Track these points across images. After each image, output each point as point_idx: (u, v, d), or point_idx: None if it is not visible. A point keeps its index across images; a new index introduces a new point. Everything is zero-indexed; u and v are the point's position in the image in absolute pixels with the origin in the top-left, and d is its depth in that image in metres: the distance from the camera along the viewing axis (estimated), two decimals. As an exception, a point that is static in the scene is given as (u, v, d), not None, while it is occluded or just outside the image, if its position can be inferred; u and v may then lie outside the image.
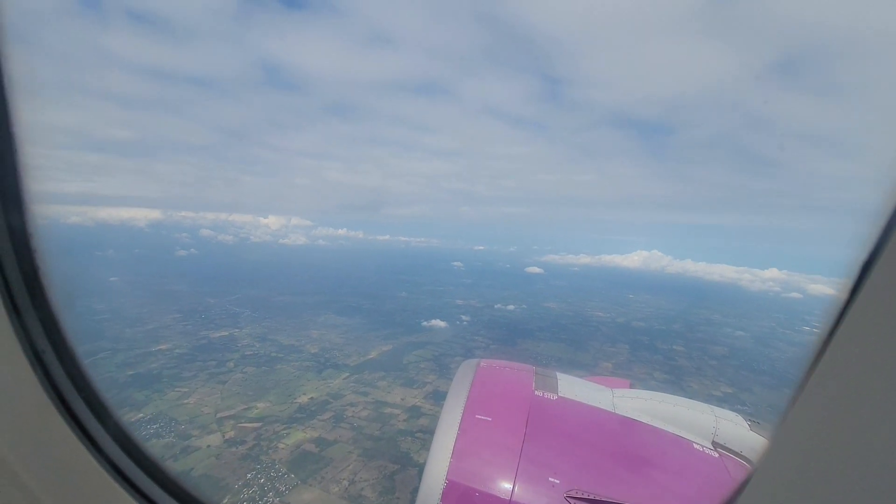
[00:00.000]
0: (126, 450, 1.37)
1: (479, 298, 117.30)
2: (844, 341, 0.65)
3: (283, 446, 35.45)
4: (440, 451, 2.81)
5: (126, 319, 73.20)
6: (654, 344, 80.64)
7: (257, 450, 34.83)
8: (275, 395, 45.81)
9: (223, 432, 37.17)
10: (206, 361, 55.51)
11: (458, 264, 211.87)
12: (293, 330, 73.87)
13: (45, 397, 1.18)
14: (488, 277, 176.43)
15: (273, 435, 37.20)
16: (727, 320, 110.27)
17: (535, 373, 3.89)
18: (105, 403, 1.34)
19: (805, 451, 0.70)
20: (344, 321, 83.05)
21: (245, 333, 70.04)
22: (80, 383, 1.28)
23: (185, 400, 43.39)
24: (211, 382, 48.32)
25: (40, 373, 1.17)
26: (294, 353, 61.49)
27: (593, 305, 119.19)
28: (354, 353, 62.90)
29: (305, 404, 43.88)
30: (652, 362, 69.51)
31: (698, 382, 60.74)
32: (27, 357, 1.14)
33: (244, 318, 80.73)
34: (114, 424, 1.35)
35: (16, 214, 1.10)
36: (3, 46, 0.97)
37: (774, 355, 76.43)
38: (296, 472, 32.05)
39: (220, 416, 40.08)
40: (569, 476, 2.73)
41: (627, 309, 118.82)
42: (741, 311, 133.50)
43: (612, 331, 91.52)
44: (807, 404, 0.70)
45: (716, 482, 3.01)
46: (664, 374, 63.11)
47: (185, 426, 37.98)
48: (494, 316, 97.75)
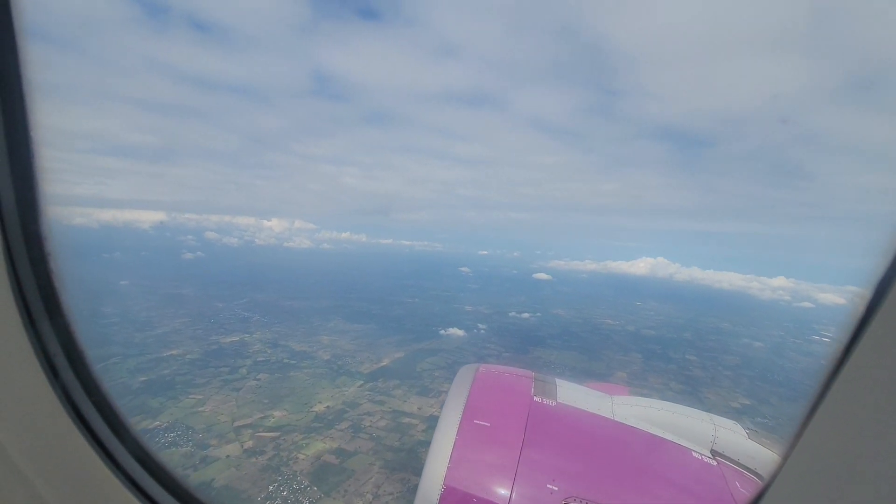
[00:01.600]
0: (136, 456, 1.38)
1: (488, 305, 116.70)
2: (866, 351, 0.64)
3: (302, 457, 34.88)
4: (438, 456, 2.79)
5: (135, 323, 72.93)
6: (666, 353, 79.88)
7: (277, 461, 34.28)
8: (290, 403, 45.28)
9: (241, 442, 36.65)
10: (218, 367, 55.05)
11: (466, 270, 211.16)
12: (304, 335, 73.43)
13: (58, 402, 1.19)
14: (495, 283, 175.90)
15: (292, 445, 36.64)
16: (737, 329, 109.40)
17: (534, 378, 3.88)
18: (115, 409, 1.35)
19: (823, 466, 0.68)
20: (354, 327, 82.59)
21: (256, 339, 69.64)
22: (91, 389, 1.29)
23: (201, 408, 42.89)
24: (225, 389, 47.85)
25: (52, 378, 1.18)
26: (306, 359, 61.00)
27: (602, 313, 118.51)
28: (367, 360, 62.38)
29: (322, 413, 43.33)
30: (666, 372, 68.72)
31: (715, 394, 59.96)
32: (40, 362, 1.14)
33: (254, 323, 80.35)
34: (124, 430, 1.36)
35: (31, 219, 1.11)
36: (23, 51, 0.98)
37: (789, 366, 75.51)
38: (318, 484, 31.46)
39: (237, 424, 39.57)
40: (567, 483, 2.70)
41: (636, 317, 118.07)
42: (751, 320, 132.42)
43: (624, 339, 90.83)
44: (824, 417, 0.68)
45: (714, 490, 2.99)
46: (680, 385, 62.35)
47: (202, 435, 37.47)
48: (505, 323, 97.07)
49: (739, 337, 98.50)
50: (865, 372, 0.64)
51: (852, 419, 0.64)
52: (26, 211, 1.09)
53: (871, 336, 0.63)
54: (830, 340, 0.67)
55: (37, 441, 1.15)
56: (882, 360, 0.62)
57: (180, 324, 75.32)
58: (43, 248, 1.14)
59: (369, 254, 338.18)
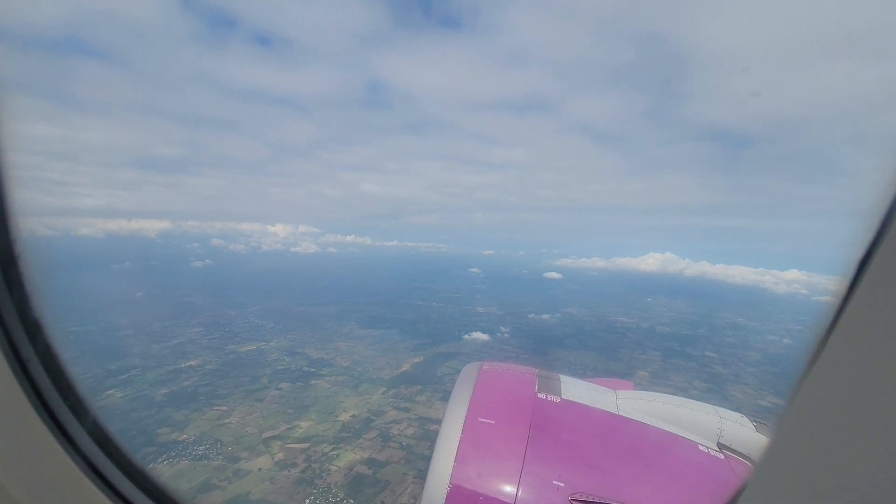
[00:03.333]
0: (107, 452, 1.37)
1: (500, 306, 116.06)
2: (842, 340, 0.65)
3: (335, 468, 34.35)
4: (443, 454, 2.76)
5: (150, 334, 72.70)
6: (685, 350, 79.03)
7: (310, 473, 33.76)
8: (315, 412, 44.78)
9: (272, 454, 36.17)
10: (239, 378, 54.70)
11: (476, 270, 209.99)
12: (320, 342, 73.02)
13: (27, 401, 1.18)
14: (505, 283, 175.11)
15: (322, 456, 36.12)
16: (753, 324, 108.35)
17: (538, 375, 3.87)
18: (90, 409, 1.34)
19: (803, 451, 0.70)
20: (369, 332, 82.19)
21: (272, 347, 69.26)
22: (62, 387, 1.28)
23: (227, 419, 42.48)
24: (248, 400, 47.43)
25: (23, 377, 1.18)
26: (325, 366, 60.55)
27: (615, 310, 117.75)
28: (386, 365, 61.87)
29: (348, 422, 42.80)
30: (688, 370, 67.88)
31: (741, 391, 59.11)
32: (9, 363, 1.14)
33: (268, 331, 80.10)
34: (96, 428, 1.35)
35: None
36: None
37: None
38: (354, 496, 30.93)
39: (266, 436, 39.11)
40: (573, 479, 2.68)
41: (649, 313, 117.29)
42: (766, 314, 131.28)
43: (640, 337, 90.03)
44: (805, 403, 0.70)
45: (721, 484, 2.93)
46: (703, 383, 61.48)
47: (231, 448, 37.02)
48: (525, 325, 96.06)
49: (760, 333, 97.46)
50: (843, 357, 0.65)
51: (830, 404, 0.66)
52: None
53: (846, 324, 0.65)
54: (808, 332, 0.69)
55: (3, 437, 1.15)
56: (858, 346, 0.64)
57: (195, 333, 75.19)
58: (12, 250, 1.13)
59: (375, 256, 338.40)
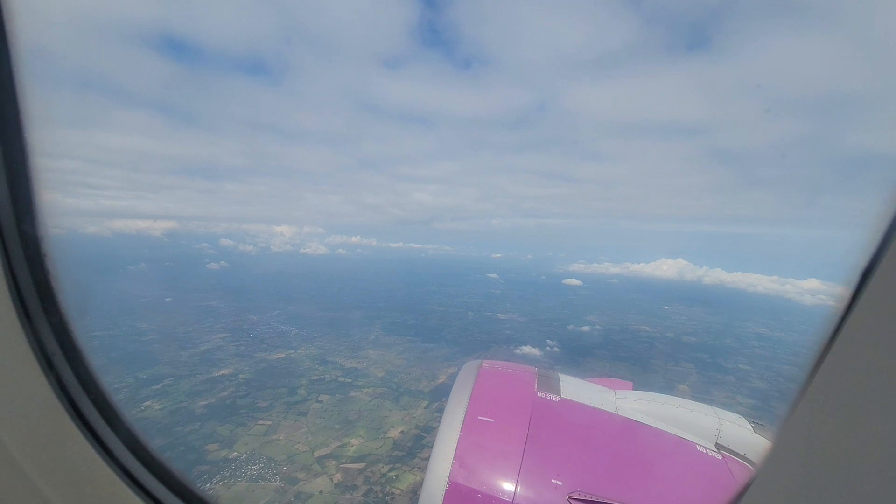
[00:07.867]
0: (135, 452, 1.39)
1: (521, 312, 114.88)
2: (845, 346, 0.66)
3: (398, 491, 33.26)
4: (442, 452, 2.75)
5: (176, 340, 71.83)
6: (717, 362, 77.71)
7: (373, 497, 32.66)
8: (363, 429, 43.66)
9: (329, 475, 35.06)
10: (275, 388, 53.61)
11: (494, 276, 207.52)
12: (349, 350, 71.93)
13: (56, 400, 1.20)
14: (521, 288, 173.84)
15: (382, 478, 35.01)
16: (777, 335, 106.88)
17: (538, 374, 3.87)
18: (113, 405, 1.36)
19: (806, 455, 0.70)
20: (395, 339, 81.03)
21: (302, 355, 68.18)
22: (89, 386, 1.30)
23: (274, 435, 41.38)
24: (291, 414, 46.32)
25: (51, 377, 1.19)
26: (361, 377, 59.43)
27: (635, 318, 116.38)
28: (423, 376, 60.71)
29: (399, 440, 41.67)
30: (725, 384, 66.51)
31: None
32: (38, 361, 1.16)
33: (294, 338, 79.08)
34: (123, 427, 1.37)
35: (27, 220, 1.13)
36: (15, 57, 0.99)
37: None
38: (425, 524, 29.79)
39: (318, 455, 38.00)
40: (572, 478, 2.68)
41: (670, 322, 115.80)
42: (787, 323, 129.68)
43: (668, 347, 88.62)
44: (808, 407, 0.70)
45: (719, 484, 2.94)
46: (746, 399, 60.09)
47: (286, 467, 35.93)
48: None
49: (787, 344, 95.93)
50: (846, 363, 0.66)
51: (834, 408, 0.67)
52: (23, 213, 1.12)
53: (850, 329, 0.65)
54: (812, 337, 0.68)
55: (34, 437, 1.15)
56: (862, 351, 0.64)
57: (220, 339, 74.24)
58: (39, 248, 1.16)
59: (384, 258, 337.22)
